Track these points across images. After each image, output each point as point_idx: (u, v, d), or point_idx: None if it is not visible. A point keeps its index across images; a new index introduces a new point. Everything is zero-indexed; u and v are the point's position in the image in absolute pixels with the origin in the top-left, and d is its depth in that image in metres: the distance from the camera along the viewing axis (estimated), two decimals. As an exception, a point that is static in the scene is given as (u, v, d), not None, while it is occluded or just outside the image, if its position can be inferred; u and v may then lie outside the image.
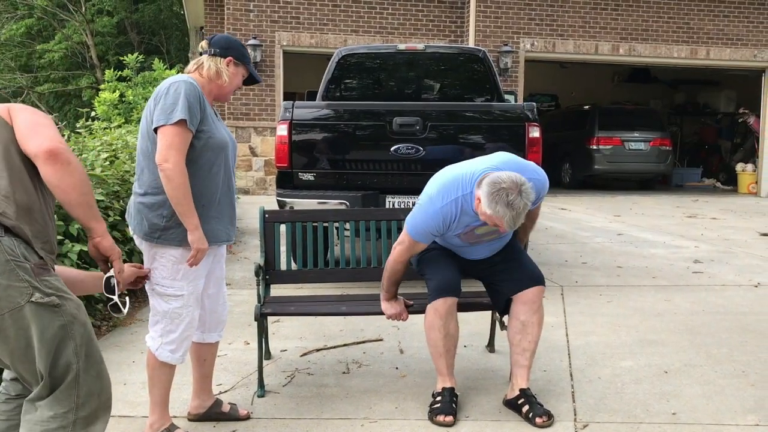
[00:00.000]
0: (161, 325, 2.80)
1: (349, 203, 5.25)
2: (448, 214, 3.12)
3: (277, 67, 13.31)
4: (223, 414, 3.15)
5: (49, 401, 1.94)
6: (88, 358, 1.98)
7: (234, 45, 2.89)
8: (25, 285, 1.88)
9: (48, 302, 1.90)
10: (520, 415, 3.07)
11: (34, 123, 2.01)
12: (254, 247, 7.19)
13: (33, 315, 1.88)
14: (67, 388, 1.95)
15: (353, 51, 6.43)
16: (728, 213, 10.63)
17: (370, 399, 3.39)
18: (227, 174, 2.87)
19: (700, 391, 3.43)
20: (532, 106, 5.43)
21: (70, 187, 1.96)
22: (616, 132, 13.98)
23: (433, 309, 3.22)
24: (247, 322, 4.51)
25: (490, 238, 3.30)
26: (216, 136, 2.77)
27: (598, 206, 11.40)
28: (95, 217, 2.08)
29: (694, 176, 16.83)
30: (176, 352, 2.82)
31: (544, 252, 7.12)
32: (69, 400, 1.95)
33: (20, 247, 1.91)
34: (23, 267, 1.89)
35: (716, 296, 5.30)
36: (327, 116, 5.53)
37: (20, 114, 2.04)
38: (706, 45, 14.30)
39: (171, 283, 2.75)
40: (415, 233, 3.21)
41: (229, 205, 2.91)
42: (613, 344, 4.16)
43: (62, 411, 1.94)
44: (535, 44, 13.82)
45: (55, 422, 1.93)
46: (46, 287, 1.92)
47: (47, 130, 2.00)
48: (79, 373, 1.96)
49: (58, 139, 1.98)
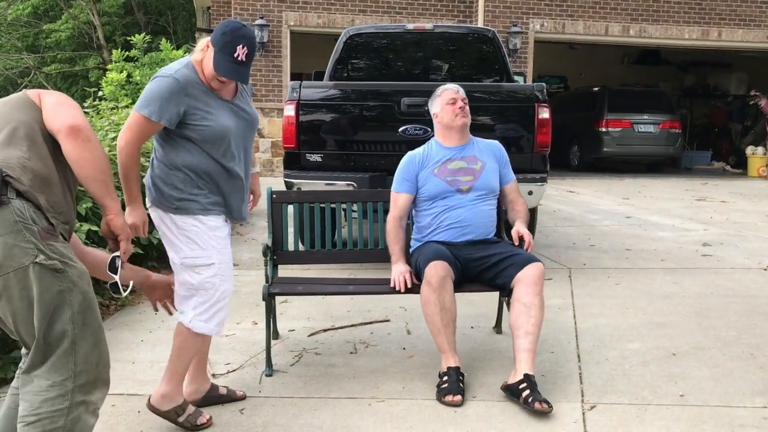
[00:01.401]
0: (194, 299, 2.82)
1: (356, 184, 5.24)
2: (416, 155, 3.69)
3: (284, 48, 13.24)
4: (222, 396, 3.14)
5: (46, 370, 1.96)
6: (84, 326, 2.00)
7: (218, 30, 2.75)
8: (30, 246, 1.91)
9: (50, 265, 1.92)
10: (519, 399, 3.03)
11: (60, 103, 2.11)
12: (261, 229, 7.19)
13: (36, 276, 1.91)
14: (63, 355, 1.96)
15: (361, 31, 6.38)
16: (738, 196, 10.57)
17: (378, 379, 3.40)
18: (234, 156, 2.85)
19: (708, 374, 3.42)
20: (541, 87, 5.38)
21: (88, 162, 2.04)
22: (625, 114, 13.86)
23: (426, 283, 3.26)
24: (255, 303, 4.53)
25: (466, 180, 3.58)
26: (213, 126, 2.75)
27: (607, 189, 11.35)
28: (110, 195, 2.14)
29: (703, 159, 16.70)
30: (210, 321, 2.84)
31: (552, 234, 7.10)
32: (66, 367, 1.97)
33: (30, 210, 1.95)
34: (30, 229, 1.92)
35: (725, 279, 5.27)
36: (335, 97, 5.50)
37: (48, 97, 2.14)
38: (718, 26, 14.14)
39: (200, 253, 2.79)
40: (394, 185, 3.69)
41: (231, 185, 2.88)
42: (621, 326, 4.16)
43: (60, 379, 1.96)
44: (544, 25, 13.69)
45: (54, 390, 1.95)
46: (51, 251, 1.95)
47: (71, 110, 2.09)
48: (75, 341, 1.98)
49: (80, 117, 2.07)
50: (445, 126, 3.67)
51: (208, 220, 2.82)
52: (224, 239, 2.88)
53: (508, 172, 3.77)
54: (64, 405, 1.96)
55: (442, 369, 3.25)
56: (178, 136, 2.76)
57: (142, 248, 5.14)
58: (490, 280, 3.46)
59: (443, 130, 3.70)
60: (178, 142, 2.77)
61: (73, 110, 2.11)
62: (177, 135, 2.76)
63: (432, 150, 3.71)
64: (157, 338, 4.01)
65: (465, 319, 4.25)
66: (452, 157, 3.65)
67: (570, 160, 14.96)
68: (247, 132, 2.95)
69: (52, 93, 2.19)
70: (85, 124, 2.08)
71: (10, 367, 3.33)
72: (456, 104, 3.63)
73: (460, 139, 3.69)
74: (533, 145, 5.29)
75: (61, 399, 1.96)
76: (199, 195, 2.80)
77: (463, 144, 3.70)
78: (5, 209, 1.91)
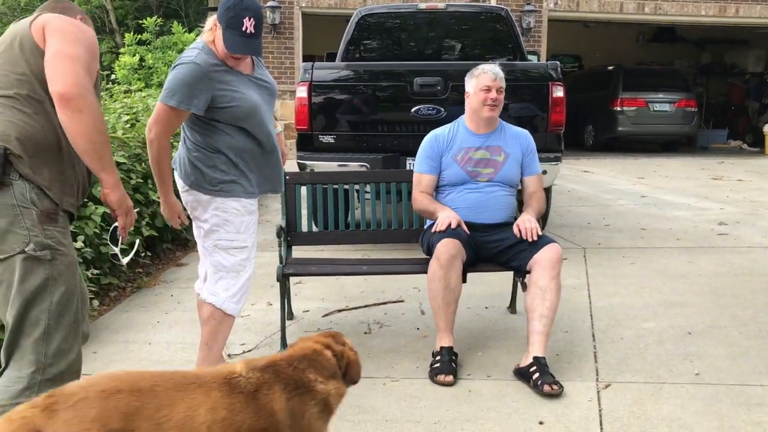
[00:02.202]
0: (225, 280, 2.86)
1: (369, 165, 5.23)
2: (441, 135, 3.62)
3: (296, 29, 13.19)
4: None
5: (16, 359, 1.90)
6: (60, 318, 1.93)
7: (221, 7, 2.70)
8: (24, 233, 1.88)
9: (39, 255, 1.89)
10: (529, 383, 3.03)
11: (58, 55, 1.91)
12: (275, 211, 7.21)
13: (22, 262, 1.88)
14: (34, 344, 1.90)
15: (373, 11, 6.34)
16: (754, 175, 10.45)
17: (392, 359, 3.41)
18: (265, 130, 2.86)
19: (723, 352, 3.41)
20: (555, 65, 5.33)
21: (78, 134, 1.91)
22: (640, 93, 13.71)
23: (435, 259, 3.24)
24: (270, 284, 4.54)
25: (487, 173, 3.51)
26: (243, 105, 2.75)
27: (622, 168, 11.26)
28: (105, 169, 2.01)
29: (719, 138, 16.50)
30: (239, 303, 2.92)
31: (567, 214, 7.06)
32: (36, 358, 1.90)
33: (31, 192, 1.90)
34: (29, 213, 1.89)
35: (741, 258, 5.23)
36: (347, 77, 5.47)
37: (51, 37, 1.94)
38: (736, 2, 13.90)
39: (236, 236, 2.82)
40: (417, 165, 3.63)
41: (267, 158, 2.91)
42: (636, 305, 4.14)
43: (28, 371, 1.90)
44: (558, 3, 13.53)
45: (21, 382, 1.89)
46: (46, 236, 1.91)
47: (68, 66, 1.89)
48: (49, 331, 1.91)
49: (73, 81, 1.89)
50: (474, 111, 3.57)
51: (249, 203, 2.87)
52: (255, 224, 2.93)
53: (532, 162, 3.65)
54: (30, 398, 1.85)
55: (436, 348, 3.26)
56: (211, 119, 2.75)
57: (157, 230, 5.17)
58: (506, 262, 3.44)
59: (472, 114, 3.61)
60: (214, 126, 2.77)
61: (70, 66, 1.90)
62: (209, 119, 2.75)
63: (458, 133, 3.62)
64: (173, 319, 4.04)
65: (480, 298, 4.25)
66: (478, 146, 3.57)
67: (584, 140, 14.84)
68: (271, 102, 2.97)
69: (54, 30, 1.96)
70: (75, 89, 1.88)
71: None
72: (489, 93, 3.49)
73: (488, 126, 3.59)
74: (547, 124, 5.25)
75: (28, 392, 1.89)
76: (241, 177, 2.82)
77: (490, 132, 3.60)
78: (5, 192, 1.87)
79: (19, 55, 1.94)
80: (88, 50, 1.96)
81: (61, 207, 2.00)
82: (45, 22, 1.97)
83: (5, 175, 1.87)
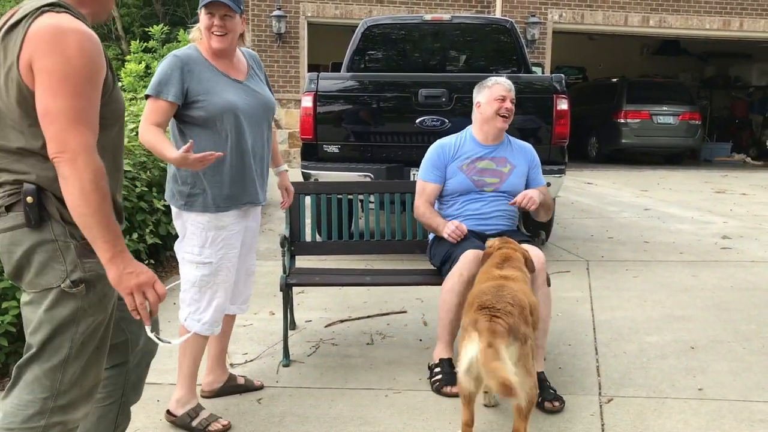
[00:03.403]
0: (189, 294, 2.80)
1: (373, 176, 5.24)
2: (447, 144, 3.63)
3: (302, 39, 13.24)
4: (240, 386, 3.16)
5: (30, 381, 1.87)
6: (82, 348, 1.89)
7: None
8: (62, 269, 1.83)
9: (75, 292, 1.84)
10: None
11: (44, 115, 1.72)
12: (279, 219, 7.22)
13: (56, 296, 1.84)
14: (51, 370, 1.86)
15: (378, 22, 6.36)
16: (758, 189, 10.44)
17: (394, 370, 3.40)
18: (240, 136, 2.76)
19: (727, 368, 3.40)
20: (560, 78, 5.34)
21: (68, 202, 1.75)
22: (644, 105, 13.73)
23: (458, 272, 3.20)
24: (272, 293, 4.55)
25: (492, 182, 3.53)
26: (216, 101, 2.69)
27: (625, 181, 11.27)
28: (94, 241, 1.77)
29: (723, 151, 16.51)
30: (204, 322, 2.80)
31: (570, 226, 7.06)
32: (51, 385, 1.86)
33: (70, 226, 1.82)
34: (68, 248, 1.84)
35: (745, 272, 5.22)
36: (352, 88, 5.50)
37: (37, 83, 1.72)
38: (740, 16, 13.94)
39: (200, 251, 2.76)
40: (421, 174, 3.64)
41: (244, 167, 2.80)
42: (639, 319, 4.13)
43: (41, 396, 1.85)
44: (563, 15, 13.58)
45: (32, 407, 1.85)
46: (84, 271, 1.85)
47: (53, 128, 1.71)
48: (68, 360, 1.87)
49: (57, 148, 1.71)
50: (485, 120, 3.56)
51: (218, 217, 2.76)
52: (232, 237, 2.81)
53: (537, 175, 3.68)
54: (40, 423, 1.85)
55: (434, 360, 3.25)
56: (189, 123, 2.72)
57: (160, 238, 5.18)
58: None
59: (482, 124, 3.60)
60: (190, 132, 2.73)
61: (54, 131, 1.71)
62: (188, 121, 2.72)
63: (465, 143, 3.64)
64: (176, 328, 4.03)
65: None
66: (483, 155, 3.58)
67: (588, 152, 14.86)
68: (261, 113, 2.85)
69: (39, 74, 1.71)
70: (61, 157, 1.71)
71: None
72: (504, 103, 3.51)
73: (495, 137, 3.61)
74: (552, 136, 5.26)
75: (38, 417, 1.85)
76: (209, 189, 2.72)
77: (497, 144, 3.62)
78: (44, 227, 1.83)
79: (16, 107, 1.78)
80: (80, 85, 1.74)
81: None
82: (31, 57, 1.72)
83: (43, 212, 1.82)
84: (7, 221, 1.84)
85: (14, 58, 1.75)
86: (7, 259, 1.87)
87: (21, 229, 1.83)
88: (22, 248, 1.84)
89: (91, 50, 1.76)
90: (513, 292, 2.68)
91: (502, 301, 2.58)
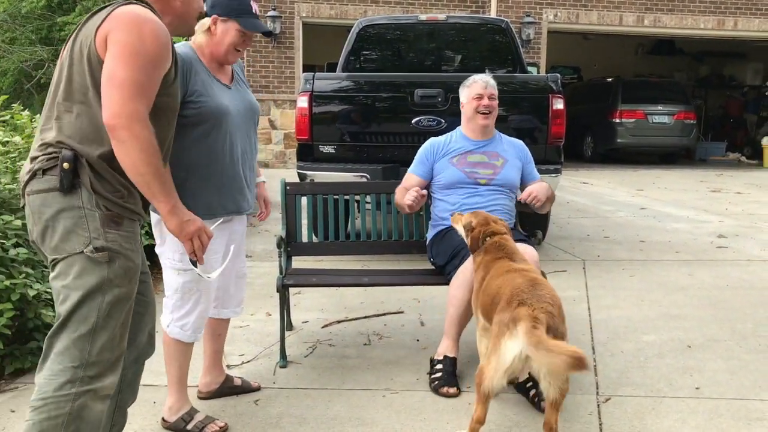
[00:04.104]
0: (172, 300, 2.75)
1: (369, 176, 5.23)
2: (437, 143, 3.72)
3: (297, 39, 13.23)
4: (237, 387, 3.13)
5: (60, 352, 1.96)
6: (108, 318, 1.99)
7: (220, 1, 2.68)
8: (86, 235, 1.95)
9: (97, 258, 1.95)
10: (527, 398, 3.02)
11: (108, 80, 1.89)
12: (274, 220, 7.18)
13: (79, 261, 1.96)
14: (79, 339, 1.96)
15: (373, 22, 6.36)
16: (753, 188, 10.47)
17: (391, 370, 3.40)
18: (231, 142, 2.73)
19: (724, 366, 3.40)
20: (556, 78, 5.35)
21: (125, 165, 1.93)
22: (639, 105, 13.76)
23: (470, 268, 3.14)
24: (269, 294, 4.54)
25: (486, 174, 3.56)
26: (210, 104, 2.64)
27: (621, 180, 11.28)
28: (155, 196, 1.99)
29: (718, 150, 16.54)
30: (186, 328, 2.75)
31: (566, 226, 7.07)
32: (80, 354, 1.96)
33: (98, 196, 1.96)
34: (92, 216, 1.96)
35: (741, 271, 5.23)
36: (348, 88, 5.49)
37: (109, 51, 1.91)
38: (734, 15, 13.97)
39: (181, 257, 2.63)
40: (411, 166, 3.74)
41: (234, 175, 2.76)
42: (636, 318, 4.13)
43: (71, 365, 1.95)
44: (558, 15, 13.60)
45: (63, 375, 1.94)
46: (107, 241, 1.97)
47: (114, 94, 1.88)
48: (96, 329, 1.97)
49: (116, 111, 1.88)
50: (468, 119, 3.68)
51: None
52: (214, 243, 2.64)
53: (532, 170, 3.75)
54: (72, 391, 1.94)
55: (437, 356, 3.23)
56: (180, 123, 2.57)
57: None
58: None
59: (466, 122, 3.71)
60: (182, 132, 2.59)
61: (113, 97, 1.88)
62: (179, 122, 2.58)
63: (454, 139, 3.72)
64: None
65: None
66: (473, 149, 3.65)
67: (583, 151, 14.88)
68: (247, 119, 2.83)
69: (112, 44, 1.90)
70: (116, 121, 1.88)
71: (27, 358, 3.36)
72: (482, 100, 3.59)
73: (484, 134, 3.69)
74: (547, 136, 5.26)
75: (69, 385, 1.94)
76: (188, 197, 2.52)
77: (487, 139, 3.69)
78: (74, 193, 1.95)
79: (87, 70, 1.95)
80: (146, 64, 1.93)
81: (127, 211, 2.04)
82: (109, 30, 1.91)
83: (76, 179, 1.95)
84: (42, 183, 1.97)
85: (93, 30, 1.93)
86: (36, 219, 1.99)
87: (52, 192, 1.96)
88: (50, 210, 1.96)
89: (164, 40, 1.96)
90: (550, 291, 2.67)
91: (543, 300, 2.56)
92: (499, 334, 2.51)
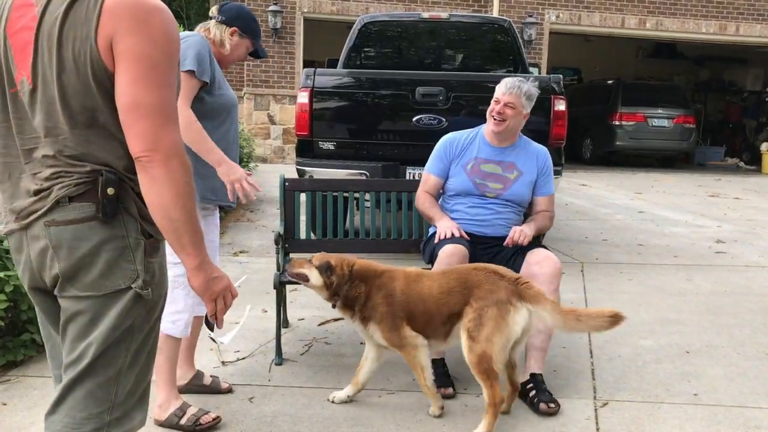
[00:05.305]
0: None
1: (369, 174, 5.20)
2: (457, 139, 3.57)
3: (297, 35, 13.18)
4: (204, 387, 3.06)
5: (82, 398, 1.67)
6: (136, 358, 1.71)
7: (243, 16, 2.85)
8: (132, 268, 1.65)
9: (143, 294, 1.66)
10: (526, 401, 3.00)
11: (132, 108, 1.54)
12: (272, 216, 7.17)
13: (123, 299, 1.65)
14: (106, 383, 1.68)
15: (375, 19, 6.32)
16: (751, 193, 10.47)
17: (387, 370, 3.37)
18: (235, 132, 2.90)
19: (722, 372, 3.38)
20: (558, 79, 5.32)
21: (154, 206, 1.59)
22: (639, 108, 13.74)
23: (437, 266, 3.15)
24: (265, 291, 4.51)
25: (495, 188, 3.45)
26: (227, 94, 2.81)
27: (619, 183, 11.27)
28: (183, 249, 1.65)
29: (716, 155, 16.56)
30: (179, 324, 2.75)
31: (564, 228, 7.05)
32: (106, 398, 1.68)
33: (140, 221, 1.66)
34: (138, 245, 1.66)
35: (739, 277, 5.22)
36: (349, 85, 5.46)
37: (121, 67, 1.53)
38: (736, 20, 13.97)
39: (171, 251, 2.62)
40: (427, 165, 3.60)
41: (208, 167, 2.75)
42: (634, 322, 4.11)
43: (97, 411, 1.68)
44: (560, 16, 13.58)
45: (89, 424, 1.67)
46: (147, 272, 1.68)
47: (144, 124, 1.54)
48: (122, 371, 1.69)
49: (152, 146, 1.54)
50: (487, 121, 3.51)
51: None
52: (209, 233, 2.77)
53: (546, 183, 3.54)
54: None
55: None
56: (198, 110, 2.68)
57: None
58: None
59: (486, 125, 3.54)
60: None
61: (143, 127, 1.53)
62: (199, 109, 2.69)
63: (475, 141, 3.53)
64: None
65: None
66: (490, 158, 3.48)
67: (582, 153, 14.87)
68: (236, 111, 2.98)
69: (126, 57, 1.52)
70: (156, 155, 1.54)
71: (20, 350, 3.33)
72: (497, 105, 3.40)
73: (501, 140, 3.49)
74: (548, 137, 5.23)
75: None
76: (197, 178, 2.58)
77: (506, 146, 3.50)
78: (116, 221, 1.63)
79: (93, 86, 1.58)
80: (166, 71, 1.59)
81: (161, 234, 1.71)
82: (112, 34, 1.53)
83: (119, 204, 1.63)
84: (69, 213, 1.61)
85: (90, 33, 1.54)
86: (67, 254, 1.62)
87: (88, 222, 1.61)
88: (89, 244, 1.62)
89: (174, 32, 1.61)
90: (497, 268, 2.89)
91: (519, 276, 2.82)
92: (502, 314, 2.70)
